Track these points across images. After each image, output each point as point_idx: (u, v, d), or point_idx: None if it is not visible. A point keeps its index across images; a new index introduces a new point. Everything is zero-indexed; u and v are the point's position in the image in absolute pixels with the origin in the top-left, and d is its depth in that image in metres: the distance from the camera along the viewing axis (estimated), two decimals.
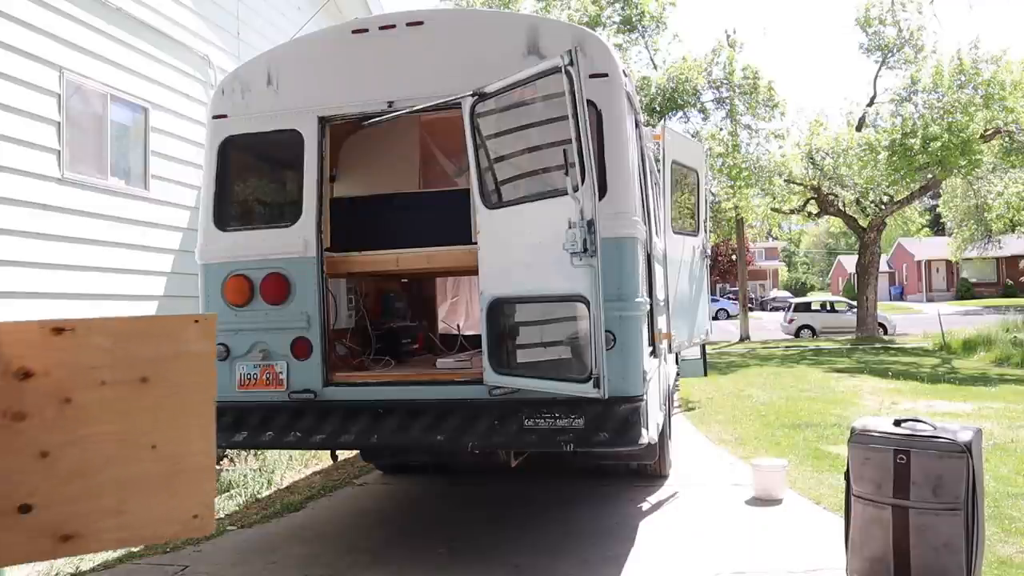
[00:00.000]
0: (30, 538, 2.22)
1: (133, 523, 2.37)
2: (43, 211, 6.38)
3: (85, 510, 2.25)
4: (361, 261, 5.05)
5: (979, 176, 22.36)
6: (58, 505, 2.22)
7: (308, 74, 4.85)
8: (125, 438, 2.34)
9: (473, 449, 4.44)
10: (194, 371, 2.51)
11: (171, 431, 2.47)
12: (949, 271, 48.24)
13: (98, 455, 2.27)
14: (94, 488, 2.25)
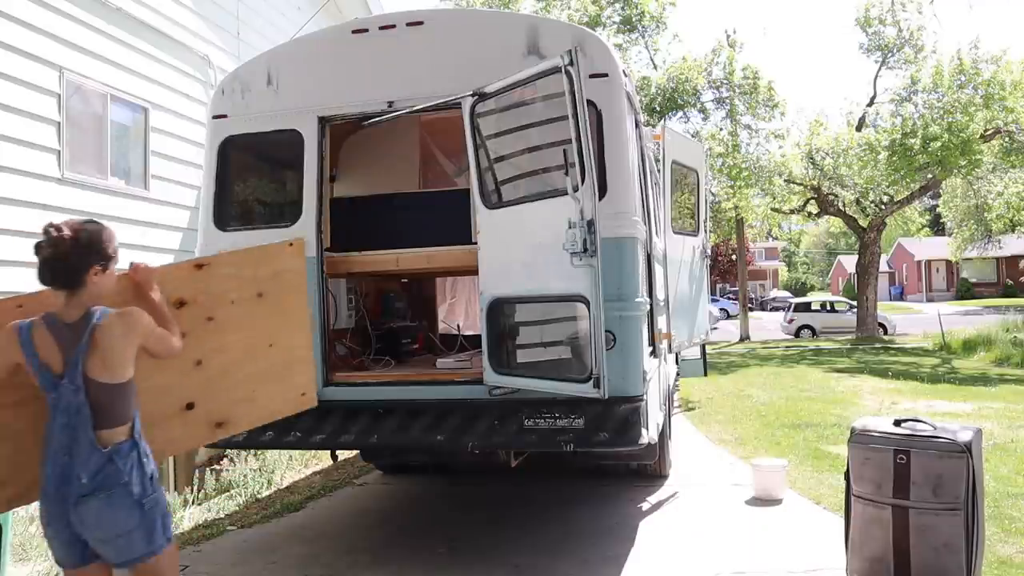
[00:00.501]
0: (193, 430, 2.91)
1: (261, 407, 3.18)
2: (43, 211, 6.39)
3: (228, 401, 2.94)
4: (361, 261, 5.05)
5: (979, 176, 22.34)
6: (210, 401, 2.90)
7: (308, 74, 4.85)
8: (252, 341, 3.03)
9: (473, 449, 4.43)
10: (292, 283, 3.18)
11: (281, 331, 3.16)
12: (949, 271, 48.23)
13: (234, 357, 2.96)
14: (233, 383, 2.93)
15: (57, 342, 2.47)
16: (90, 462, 2.43)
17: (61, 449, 2.45)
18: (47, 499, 2.49)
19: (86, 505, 2.43)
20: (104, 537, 2.47)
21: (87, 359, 2.46)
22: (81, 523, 2.45)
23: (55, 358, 2.47)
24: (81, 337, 2.46)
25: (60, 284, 2.53)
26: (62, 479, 2.44)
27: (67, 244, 2.52)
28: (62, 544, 2.51)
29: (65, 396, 2.44)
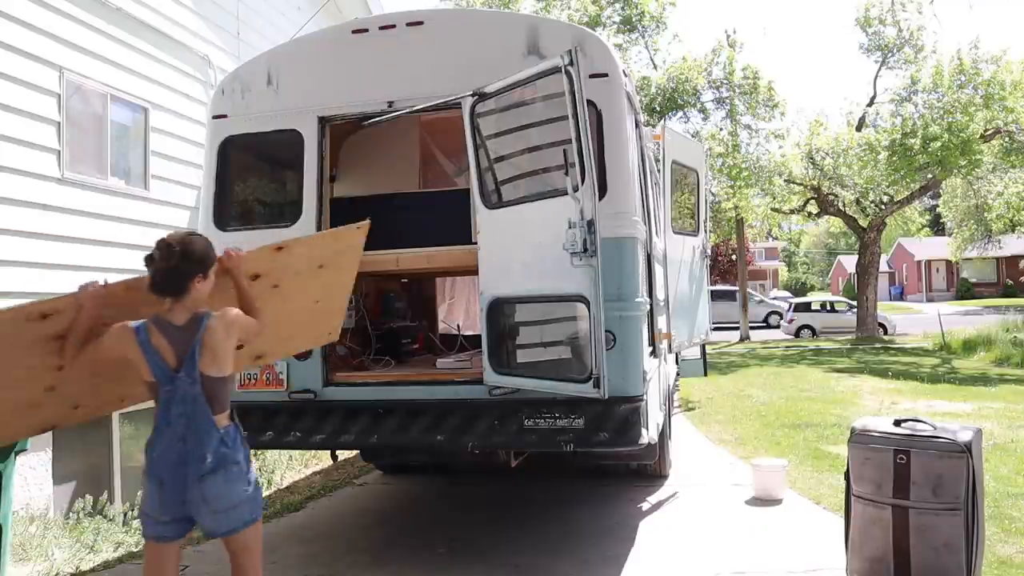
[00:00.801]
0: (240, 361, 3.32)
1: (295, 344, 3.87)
2: (43, 211, 6.38)
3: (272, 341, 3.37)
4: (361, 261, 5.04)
5: (979, 176, 22.33)
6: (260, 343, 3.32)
7: (308, 74, 4.85)
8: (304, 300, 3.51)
9: (473, 449, 4.44)
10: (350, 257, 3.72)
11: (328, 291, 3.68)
12: (949, 271, 48.21)
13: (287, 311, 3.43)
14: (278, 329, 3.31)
15: (170, 342, 2.82)
16: (211, 443, 2.79)
17: (175, 437, 2.79)
18: (162, 486, 2.80)
19: (208, 482, 2.78)
20: (220, 509, 2.81)
21: (201, 356, 2.81)
22: (203, 499, 2.78)
23: (169, 356, 2.81)
24: (193, 338, 2.82)
25: (169, 292, 2.84)
26: (178, 463, 2.78)
27: (177, 257, 2.81)
28: (168, 523, 2.83)
29: (181, 388, 2.79)
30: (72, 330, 2.83)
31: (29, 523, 5.56)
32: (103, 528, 5.76)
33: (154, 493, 2.82)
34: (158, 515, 2.84)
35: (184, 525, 2.88)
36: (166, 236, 2.87)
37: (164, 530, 2.86)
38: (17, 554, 5.02)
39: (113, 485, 7.17)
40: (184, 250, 2.83)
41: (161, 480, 2.80)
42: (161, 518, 2.84)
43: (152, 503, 2.84)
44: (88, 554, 5.23)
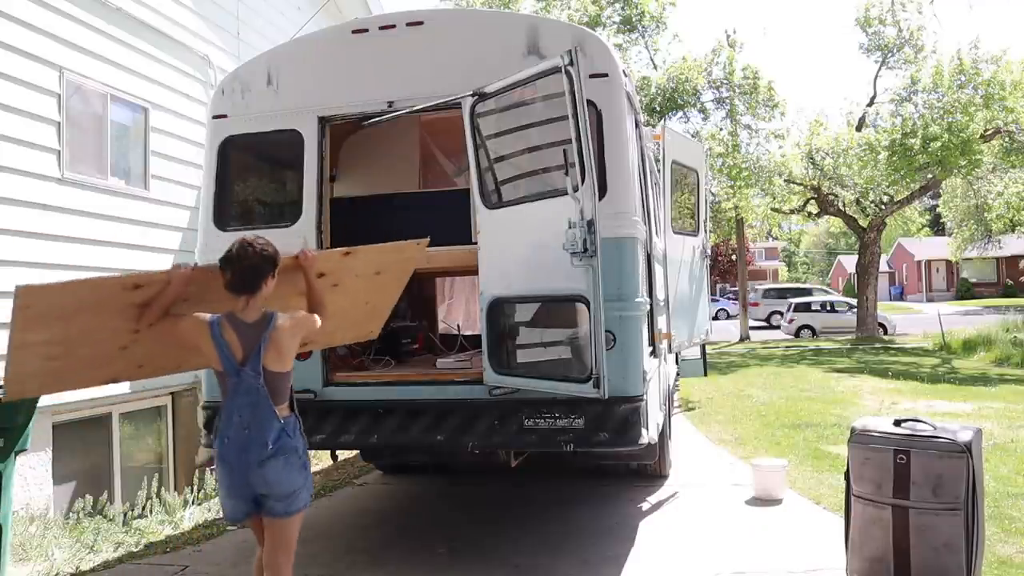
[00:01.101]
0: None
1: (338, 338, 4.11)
2: (43, 211, 6.38)
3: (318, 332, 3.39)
4: None
5: (979, 176, 22.33)
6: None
7: (308, 74, 4.85)
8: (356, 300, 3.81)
9: (473, 449, 4.44)
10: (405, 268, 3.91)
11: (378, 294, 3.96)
12: (949, 271, 48.21)
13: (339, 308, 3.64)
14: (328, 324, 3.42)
15: (239, 338, 3.05)
16: (272, 432, 3.02)
17: (241, 424, 3.03)
18: (229, 468, 3.06)
19: (269, 466, 3.01)
20: (280, 493, 3.04)
21: (266, 352, 3.04)
22: (264, 482, 3.02)
23: (237, 351, 3.05)
24: (261, 335, 3.05)
25: (245, 290, 3.07)
26: (243, 449, 3.02)
27: (256, 259, 3.07)
28: (238, 502, 3.10)
29: (246, 381, 3.03)
30: (155, 302, 3.11)
31: (29, 523, 5.56)
32: (103, 528, 5.76)
33: (225, 476, 3.09)
34: (229, 496, 3.11)
35: (254, 503, 3.11)
36: (242, 239, 3.10)
37: (237, 510, 3.13)
38: (17, 554, 5.02)
39: (113, 485, 7.18)
40: (261, 251, 3.07)
41: (231, 466, 3.06)
42: (232, 498, 3.11)
43: (223, 485, 3.12)
44: (88, 554, 5.23)
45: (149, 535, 5.71)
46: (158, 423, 7.99)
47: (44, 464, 6.29)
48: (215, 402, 4.78)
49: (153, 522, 6.12)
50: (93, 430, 7.12)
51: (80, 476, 6.86)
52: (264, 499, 3.07)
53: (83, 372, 3.33)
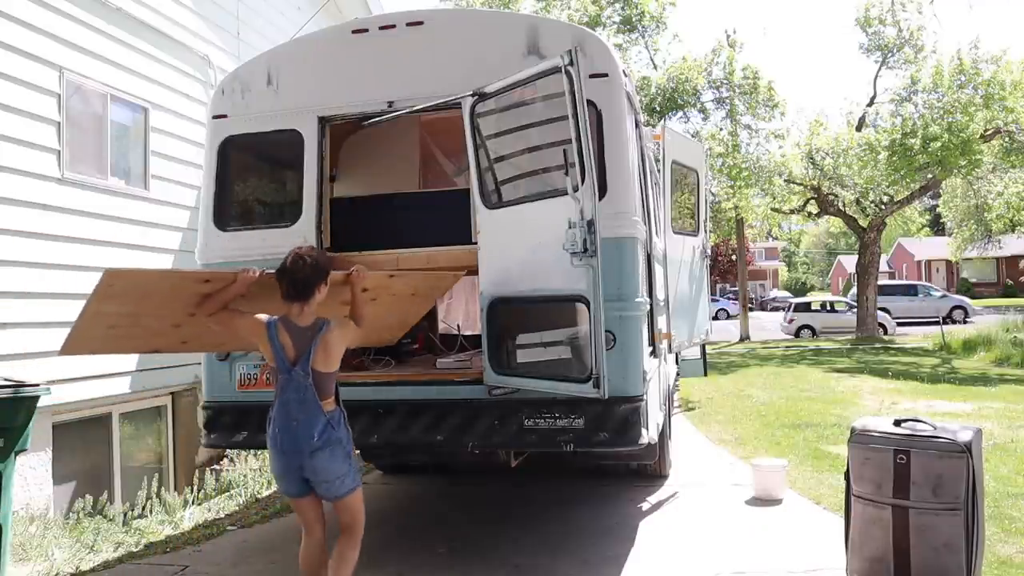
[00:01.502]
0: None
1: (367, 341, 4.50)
2: (43, 211, 6.38)
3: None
4: (361, 261, 5.02)
5: (979, 176, 22.32)
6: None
7: (308, 74, 4.85)
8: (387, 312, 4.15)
9: (473, 449, 4.44)
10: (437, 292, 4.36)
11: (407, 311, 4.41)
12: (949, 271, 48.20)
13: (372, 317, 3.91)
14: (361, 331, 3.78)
15: (292, 340, 3.37)
16: (318, 425, 3.34)
17: (290, 418, 3.35)
18: (282, 456, 3.38)
19: (317, 456, 3.33)
20: (327, 479, 3.38)
21: (315, 355, 3.34)
22: (313, 470, 3.35)
23: (290, 351, 3.36)
24: (313, 339, 3.36)
25: (299, 298, 3.38)
26: (294, 440, 3.34)
27: (308, 269, 3.36)
28: (291, 483, 3.43)
29: (296, 379, 3.35)
30: (217, 296, 3.47)
31: (29, 523, 5.56)
32: (103, 528, 5.76)
33: (278, 462, 3.42)
34: (282, 478, 3.44)
35: (305, 485, 3.43)
36: (296, 251, 3.42)
37: (290, 489, 3.47)
38: (17, 554, 5.02)
39: (113, 485, 7.18)
40: (314, 262, 3.39)
41: (283, 451, 3.38)
42: (284, 480, 3.44)
43: (277, 469, 3.45)
44: (88, 554, 5.23)
45: (149, 535, 5.72)
46: (158, 423, 7.99)
47: (44, 464, 6.29)
48: (215, 402, 4.81)
49: (153, 522, 6.12)
50: (93, 430, 7.12)
51: (80, 476, 6.86)
52: (314, 485, 3.41)
53: (134, 341, 3.81)
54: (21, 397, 4.28)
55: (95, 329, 3.52)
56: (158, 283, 3.45)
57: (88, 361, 6.69)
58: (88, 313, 3.38)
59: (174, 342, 3.91)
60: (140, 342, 3.88)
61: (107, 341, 3.71)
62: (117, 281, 3.28)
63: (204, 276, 3.50)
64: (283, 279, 3.39)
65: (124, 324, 3.55)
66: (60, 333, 6.35)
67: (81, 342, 3.61)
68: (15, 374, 4.85)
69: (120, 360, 7.13)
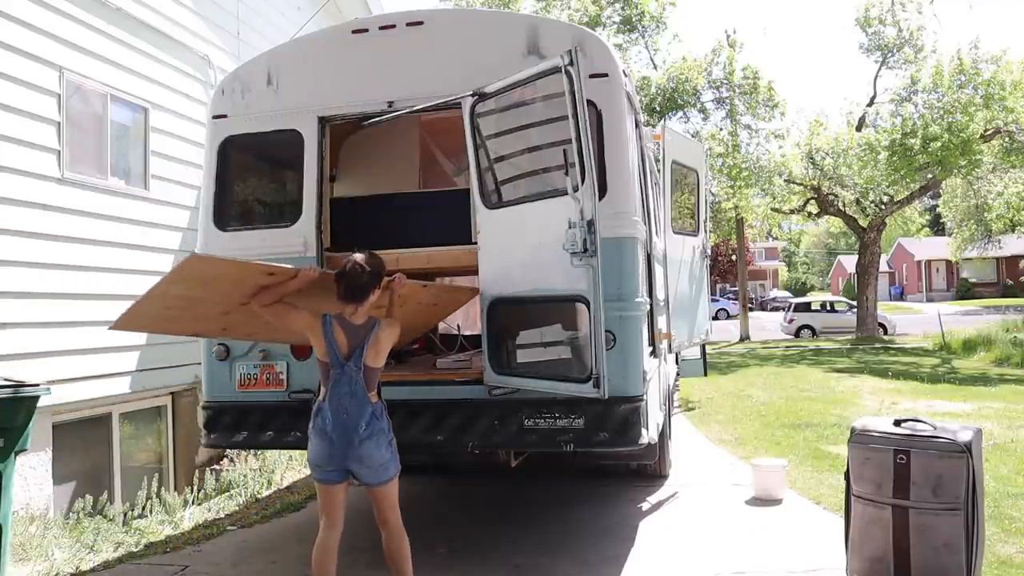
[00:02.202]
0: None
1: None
2: (43, 211, 6.38)
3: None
4: None
5: (979, 176, 22.33)
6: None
7: (308, 74, 4.85)
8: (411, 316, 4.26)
9: (473, 449, 4.44)
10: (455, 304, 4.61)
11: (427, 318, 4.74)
12: (949, 271, 48.21)
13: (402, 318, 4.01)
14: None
15: (346, 336, 3.59)
16: (366, 416, 3.56)
17: (341, 408, 3.55)
18: (331, 444, 3.56)
19: (365, 445, 3.55)
20: (373, 466, 3.59)
21: (367, 351, 3.57)
22: (360, 458, 3.56)
23: (343, 347, 3.59)
24: (366, 336, 3.60)
25: (356, 300, 3.61)
26: (344, 429, 3.54)
27: (367, 276, 3.61)
28: (331, 471, 3.62)
29: (348, 372, 3.57)
30: (275, 288, 3.66)
31: (29, 523, 5.56)
32: (103, 528, 5.76)
33: (324, 449, 3.58)
34: (326, 465, 3.60)
35: (343, 473, 3.63)
36: (355, 259, 3.62)
37: (331, 476, 3.64)
38: (17, 554, 5.01)
39: (113, 485, 7.18)
40: (372, 269, 3.62)
41: (332, 440, 3.55)
42: (327, 467, 3.61)
43: (322, 456, 3.60)
44: (88, 554, 5.23)
45: (149, 535, 5.72)
46: (158, 423, 7.99)
47: (44, 464, 6.29)
48: (215, 402, 4.81)
49: (153, 522, 6.12)
50: (93, 430, 7.12)
51: (80, 476, 6.86)
52: (358, 473, 3.60)
53: (180, 323, 3.95)
54: (21, 397, 4.28)
55: (153, 308, 3.64)
56: (229, 271, 3.58)
57: (88, 361, 6.71)
58: (155, 292, 3.50)
59: (215, 329, 4.11)
60: (185, 325, 4.01)
61: (157, 321, 3.90)
62: (197, 265, 3.43)
63: (269, 269, 3.65)
64: (342, 282, 3.61)
65: (179, 307, 3.69)
66: (60, 333, 6.43)
67: (136, 319, 3.75)
68: (15, 374, 4.85)
69: (120, 360, 7.13)
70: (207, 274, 3.53)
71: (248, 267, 3.63)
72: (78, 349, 6.61)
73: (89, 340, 6.74)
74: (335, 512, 3.73)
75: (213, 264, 3.52)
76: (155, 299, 3.54)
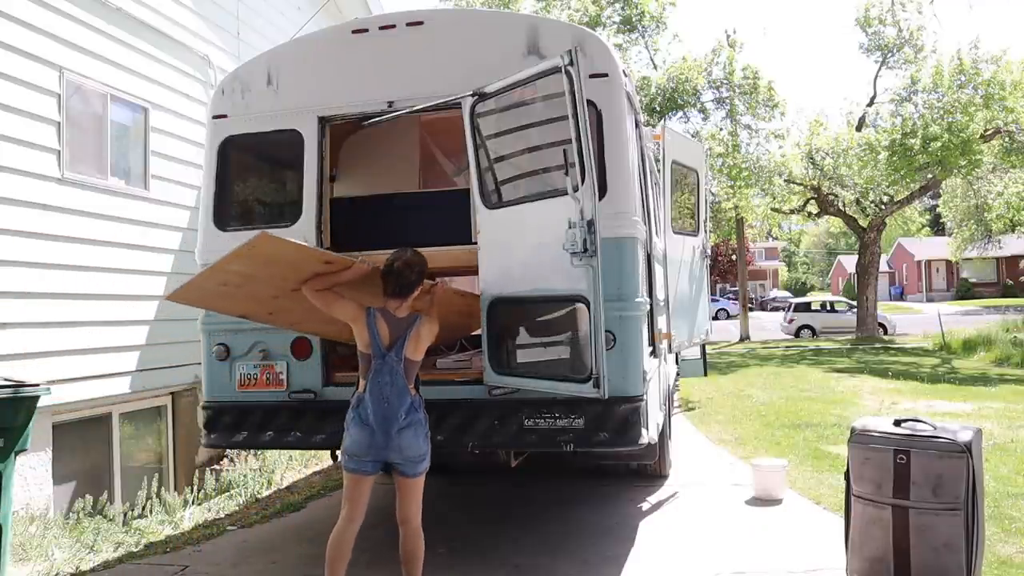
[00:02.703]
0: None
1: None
2: (43, 211, 6.38)
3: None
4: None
5: (979, 176, 22.34)
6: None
7: (308, 74, 4.84)
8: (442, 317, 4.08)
9: (473, 449, 4.44)
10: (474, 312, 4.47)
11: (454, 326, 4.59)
12: (949, 271, 48.22)
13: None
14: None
15: (389, 328, 3.71)
16: (405, 405, 3.65)
17: (382, 397, 3.64)
18: (371, 433, 3.63)
19: (404, 434, 3.64)
20: (410, 456, 3.67)
21: (408, 343, 3.69)
22: (399, 447, 3.64)
23: (386, 338, 3.69)
24: (407, 329, 3.72)
25: (401, 296, 3.75)
26: (384, 418, 3.62)
27: (412, 276, 3.75)
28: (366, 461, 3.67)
29: (389, 363, 3.67)
30: (327, 276, 3.83)
31: (29, 523, 5.56)
32: (103, 528, 5.76)
33: (364, 439, 3.64)
34: (363, 455, 3.66)
35: (378, 464, 3.69)
36: (404, 258, 3.75)
37: (365, 467, 3.68)
38: (17, 554, 5.02)
39: (113, 485, 7.18)
40: (419, 268, 3.78)
41: (372, 430, 3.62)
42: (364, 457, 3.66)
43: (361, 446, 3.65)
44: (88, 554, 5.23)
45: (149, 535, 5.72)
46: (158, 423, 7.99)
47: (44, 464, 6.29)
48: (215, 402, 4.81)
49: (153, 522, 6.13)
50: (93, 430, 7.12)
51: (80, 476, 6.86)
52: (396, 464, 3.68)
53: (231, 301, 4.07)
54: (21, 397, 4.28)
55: (210, 283, 3.78)
56: (290, 253, 3.68)
57: (88, 361, 6.71)
58: (215, 268, 3.64)
59: (263, 312, 4.21)
60: (237, 303, 4.10)
61: (211, 296, 4.01)
62: (266, 244, 3.51)
63: (327, 257, 3.82)
64: (390, 278, 3.74)
65: (234, 283, 3.80)
66: (60, 333, 6.44)
67: (193, 292, 3.90)
68: (15, 374, 4.85)
69: (120, 360, 7.13)
70: (271, 254, 3.63)
71: (309, 251, 3.81)
72: (78, 349, 6.61)
73: (89, 340, 6.74)
74: (359, 504, 3.76)
75: (279, 244, 3.60)
76: (216, 273, 3.68)
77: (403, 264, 3.75)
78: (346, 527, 3.73)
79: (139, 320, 7.42)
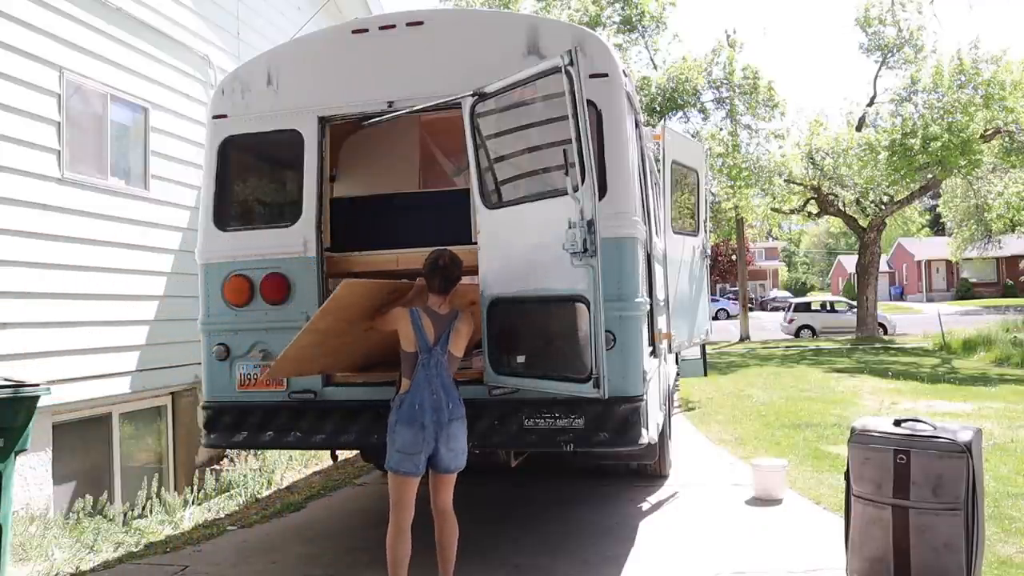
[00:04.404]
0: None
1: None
2: (43, 211, 6.38)
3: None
4: (361, 261, 5.05)
5: (979, 176, 22.33)
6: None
7: (308, 74, 4.84)
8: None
9: (473, 449, 4.43)
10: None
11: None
12: (949, 271, 48.21)
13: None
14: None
15: (433, 325, 3.85)
16: (453, 397, 3.82)
17: (430, 391, 3.76)
18: (421, 427, 3.72)
19: (453, 426, 3.79)
20: (456, 449, 3.83)
21: (450, 339, 3.85)
22: (447, 437, 3.77)
23: (431, 334, 3.83)
24: (449, 325, 3.88)
25: (444, 292, 3.93)
26: (436, 410, 3.75)
27: (456, 271, 3.95)
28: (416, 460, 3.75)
29: (435, 357, 3.81)
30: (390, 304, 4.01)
31: (29, 523, 5.56)
32: (103, 528, 5.76)
33: (416, 433, 3.72)
34: (415, 451, 3.73)
35: (425, 464, 3.79)
36: (447, 255, 3.94)
37: (416, 467, 3.77)
38: (17, 554, 5.02)
39: (113, 485, 7.18)
40: (460, 264, 3.97)
41: (423, 424, 3.72)
42: (417, 453, 3.73)
43: (414, 441, 3.72)
44: (88, 554, 5.23)
45: (149, 535, 5.72)
46: (158, 423, 7.99)
47: (44, 464, 6.29)
48: (215, 402, 4.81)
49: (153, 522, 6.13)
50: (93, 430, 7.12)
51: (80, 476, 6.86)
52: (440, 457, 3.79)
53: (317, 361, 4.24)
54: (21, 397, 4.28)
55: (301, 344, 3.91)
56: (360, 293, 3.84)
57: (88, 361, 6.71)
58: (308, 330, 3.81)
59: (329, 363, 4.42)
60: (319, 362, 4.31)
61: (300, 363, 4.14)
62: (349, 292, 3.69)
63: (393, 287, 4.04)
64: (436, 275, 3.91)
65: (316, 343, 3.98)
66: (60, 333, 6.44)
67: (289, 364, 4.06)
68: (15, 374, 4.85)
69: (120, 360, 7.13)
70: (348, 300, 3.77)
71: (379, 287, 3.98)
72: (78, 349, 6.62)
73: (89, 340, 6.74)
74: (408, 509, 3.87)
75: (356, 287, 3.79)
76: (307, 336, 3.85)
77: (448, 260, 3.94)
78: (401, 516, 3.86)
79: (139, 320, 7.42)
